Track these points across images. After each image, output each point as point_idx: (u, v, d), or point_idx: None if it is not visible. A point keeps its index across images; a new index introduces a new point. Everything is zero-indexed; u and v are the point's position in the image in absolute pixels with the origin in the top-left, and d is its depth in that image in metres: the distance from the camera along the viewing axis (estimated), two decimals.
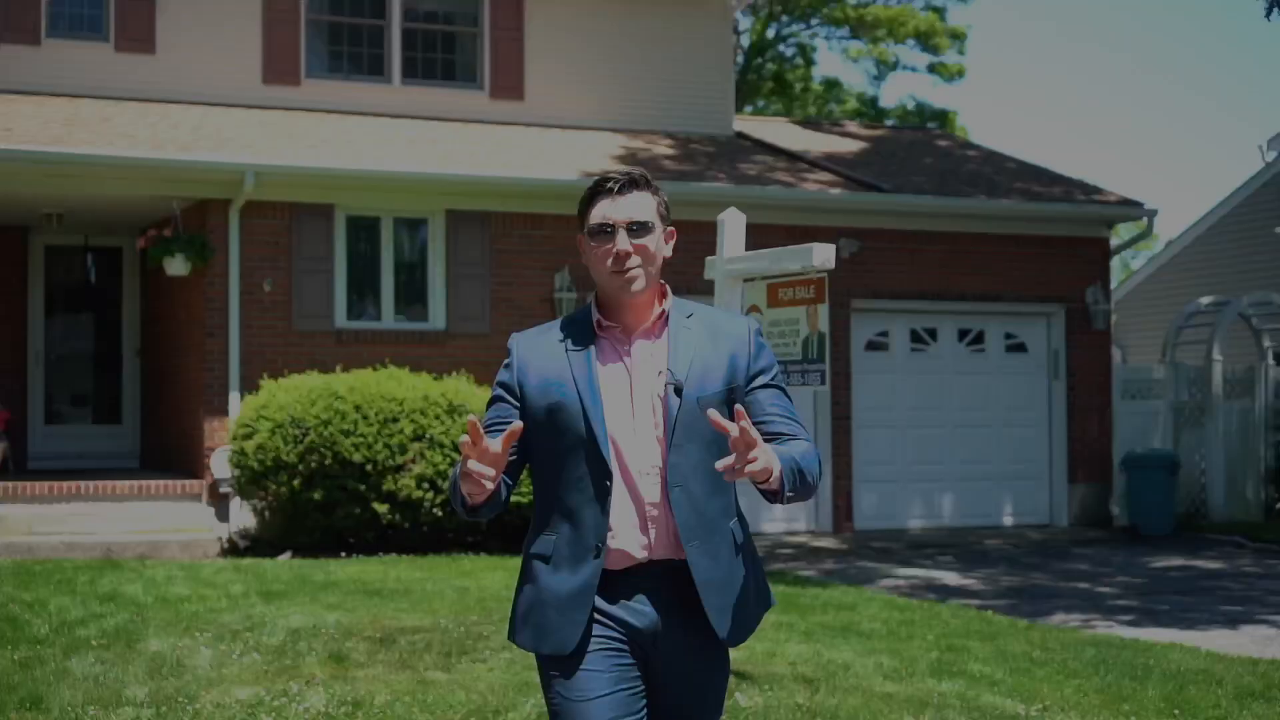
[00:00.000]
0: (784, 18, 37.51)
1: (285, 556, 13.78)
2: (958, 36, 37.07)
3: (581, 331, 3.88)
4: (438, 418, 13.98)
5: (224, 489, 14.85)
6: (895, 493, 18.04)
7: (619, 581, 3.75)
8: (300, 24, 17.98)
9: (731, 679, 8.10)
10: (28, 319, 18.00)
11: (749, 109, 36.37)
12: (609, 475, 3.72)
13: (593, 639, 3.73)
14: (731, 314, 4.12)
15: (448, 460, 13.85)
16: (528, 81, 18.82)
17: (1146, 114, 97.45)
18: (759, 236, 10.24)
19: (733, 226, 8.29)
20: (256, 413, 13.95)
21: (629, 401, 3.80)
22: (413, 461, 13.83)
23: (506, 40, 18.75)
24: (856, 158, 20.47)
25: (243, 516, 14.82)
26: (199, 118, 16.80)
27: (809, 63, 39.25)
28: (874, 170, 19.30)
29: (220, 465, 14.84)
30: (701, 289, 17.19)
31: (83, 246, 18.38)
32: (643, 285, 3.81)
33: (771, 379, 3.92)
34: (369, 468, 13.68)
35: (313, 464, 13.63)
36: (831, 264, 7.72)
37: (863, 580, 13.36)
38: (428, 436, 13.88)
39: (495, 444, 3.58)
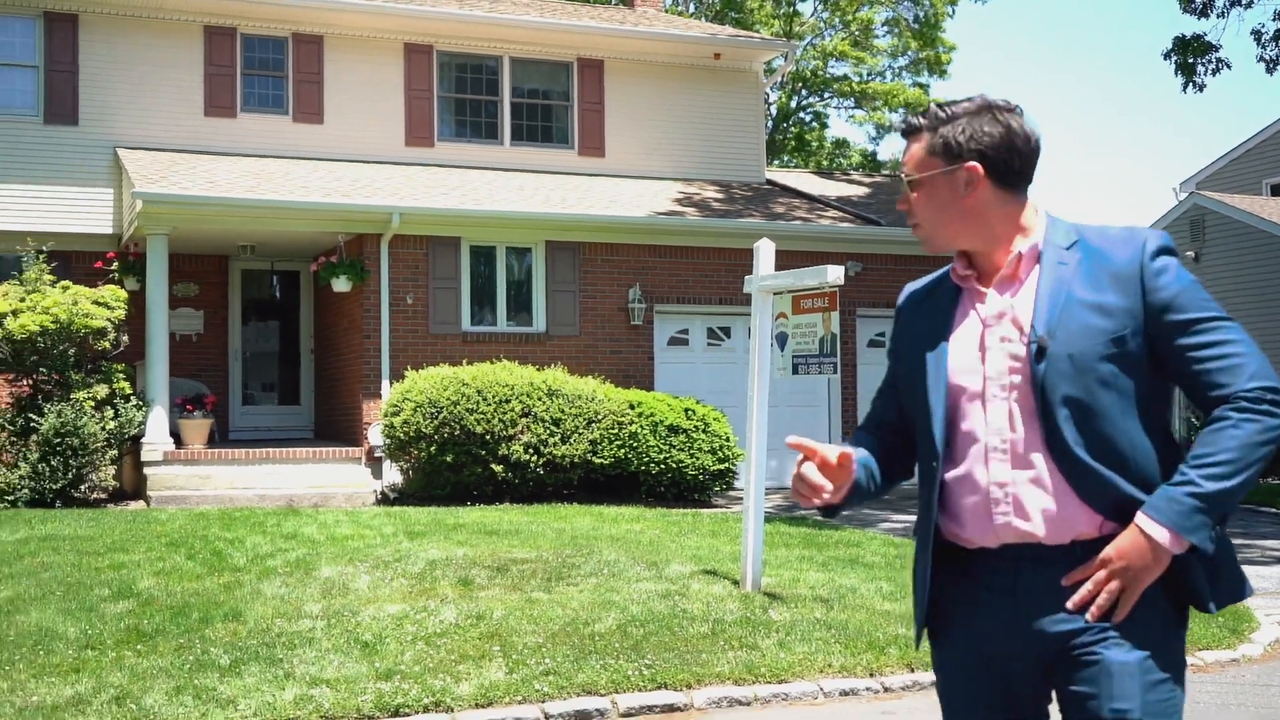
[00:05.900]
0: (804, 91, 37.39)
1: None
2: None
3: (949, 282, 2.61)
4: (539, 399, 14.00)
5: (378, 454, 14.95)
6: None
7: (972, 566, 2.53)
8: (433, 100, 18.08)
9: (763, 598, 8.07)
10: (228, 325, 18.17)
11: (776, 163, 36.22)
12: (936, 456, 2.51)
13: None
14: (1128, 233, 2.45)
15: (548, 431, 13.85)
16: (607, 142, 18.81)
17: (1086, 158, 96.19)
18: (785, 260, 10.20)
19: (765, 252, 8.29)
20: (402, 396, 14.02)
21: (979, 367, 2.48)
22: (521, 433, 13.85)
23: (591, 111, 18.76)
24: (860, 199, 20.32)
25: (392, 475, 14.92)
26: (357, 172, 16.92)
27: (823, 126, 39.04)
28: (873, 208, 19.13)
29: (375, 436, 14.94)
30: (741, 300, 17.18)
31: (269, 270, 18.55)
32: (929, 240, 2.55)
33: (1188, 313, 2.36)
34: (488, 437, 13.71)
35: (445, 434, 13.69)
36: (841, 281, 7.70)
37: (867, 524, 13.29)
38: (532, 413, 13.91)
39: (832, 454, 2.48)
